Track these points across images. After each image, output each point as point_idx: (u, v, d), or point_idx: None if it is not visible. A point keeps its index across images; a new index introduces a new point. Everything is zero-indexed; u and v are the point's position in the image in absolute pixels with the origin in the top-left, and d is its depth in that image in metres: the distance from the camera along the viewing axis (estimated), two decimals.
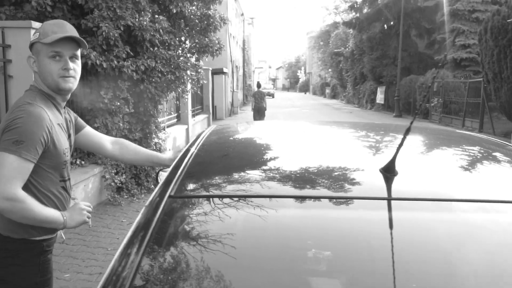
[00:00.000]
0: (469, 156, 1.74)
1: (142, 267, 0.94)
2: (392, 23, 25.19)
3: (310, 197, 1.20)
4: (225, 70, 21.04)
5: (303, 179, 1.31)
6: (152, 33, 5.96)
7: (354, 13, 28.24)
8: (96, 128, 5.57)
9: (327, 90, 52.31)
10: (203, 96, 16.06)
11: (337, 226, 1.12)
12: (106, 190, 6.08)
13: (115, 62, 5.62)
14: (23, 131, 1.59)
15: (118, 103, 5.85)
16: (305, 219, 1.14)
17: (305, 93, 74.13)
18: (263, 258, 1.00)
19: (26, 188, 1.61)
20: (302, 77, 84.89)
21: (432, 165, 1.51)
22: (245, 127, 2.33)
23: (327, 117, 22.67)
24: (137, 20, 5.77)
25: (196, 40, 7.10)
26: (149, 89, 6.23)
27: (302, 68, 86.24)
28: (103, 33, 5.36)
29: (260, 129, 2.22)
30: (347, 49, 33.08)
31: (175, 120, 11.44)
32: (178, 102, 11.25)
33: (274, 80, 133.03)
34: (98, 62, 5.41)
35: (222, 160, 1.56)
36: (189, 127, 11.96)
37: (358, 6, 26.74)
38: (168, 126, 10.82)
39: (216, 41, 7.73)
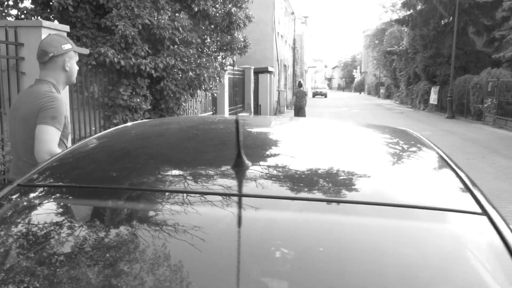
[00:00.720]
0: (359, 150, 1.59)
1: None
2: (447, 20, 24.04)
3: (162, 191, 1.16)
4: (270, 69, 21.04)
5: (163, 173, 1.27)
6: (171, 32, 6.06)
7: (407, 10, 27.21)
8: (116, 124, 5.76)
9: (382, 90, 50.90)
10: (244, 94, 16.14)
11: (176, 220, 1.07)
12: None
13: (133, 60, 5.76)
14: (56, 110, 2.24)
15: (138, 100, 6.00)
16: (151, 214, 1.10)
17: (360, 93, 72.59)
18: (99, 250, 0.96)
19: None
20: (357, 77, 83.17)
21: (305, 160, 1.39)
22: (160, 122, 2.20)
23: (375, 118, 22.07)
24: (155, 18, 5.90)
25: (218, 38, 7.14)
26: (169, 86, 6.35)
27: (358, 67, 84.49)
28: (120, 31, 5.52)
29: (166, 126, 2.01)
30: (400, 47, 31.98)
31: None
32: (210, 98, 11.35)
33: (329, 80, 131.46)
34: (116, 59, 5.59)
35: (99, 154, 1.54)
36: None
37: (411, 2, 25.72)
38: None
39: (241, 39, 7.70)
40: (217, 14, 7.14)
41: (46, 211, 1.12)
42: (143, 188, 1.18)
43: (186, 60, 6.38)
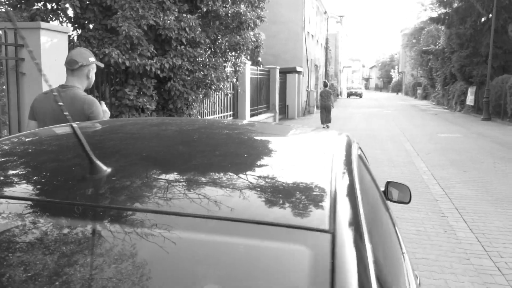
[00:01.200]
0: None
1: None
2: (485, 17, 23.08)
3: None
4: (299, 69, 20.87)
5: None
6: (177, 32, 6.09)
7: (443, 8, 26.34)
8: None
9: (419, 91, 49.55)
10: (269, 94, 16.07)
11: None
12: None
13: (138, 60, 5.82)
14: (98, 111, 2.87)
15: (144, 100, 6.07)
16: None
17: (397, 94, 70.97)
18: None
19: None
20: (395, 77, 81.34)
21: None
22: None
23: (406, 120, 21.48)
24: (161, 19, 5.94)
25: (226, 38, 7.11)
26: (176, 86, 6.38)
27: (396, 67, 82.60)
28: (124, 32, 5.59)
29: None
30: (437, 46, 31.01)
31: (230, 118, 11.59)
32: (230, 98, 11.36)
33: (367, 80, 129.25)
34: (120, 60, 5.66)
35: None
36: None
37: (447, 0, 24.88)
38: None
39: (252, 39, 7.62)
40: (228, 14, 7.11)
41: None
42: None
43: (193, 60, 6.39)
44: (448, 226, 5.33)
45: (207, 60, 6.56)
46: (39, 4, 6.05)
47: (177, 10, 6.28)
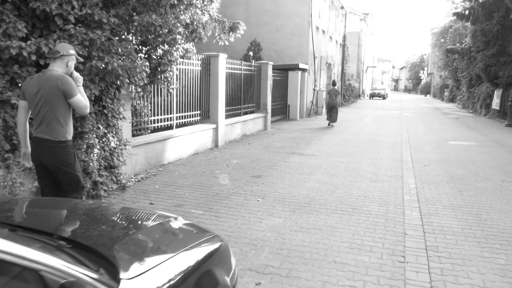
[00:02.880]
0: None
1: None
2: None
3: None
4: (303, 66, 19.22)
5: None
6: (57, 5, 4.66)
7: (468, 2, 24.06)
8: None
9: (446, 93, 46.82)
10: (260, 92, 14.51)
11: None
12: None
13: (2, 42, 4.43)
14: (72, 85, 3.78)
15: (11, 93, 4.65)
16: None
17: (425, 96, 67.96)
18: None
19: None
20: (424, 78, 78.05)
21: None
22: None
23: (423, 124, 19.52)
24: None
25: (136, 17, 5.57)
26: None
27: (425, 68, 79.26)
28: None
29: None
30: (463, 45, 28.67)
31: (198, 118, 10.12)
32: (197, 96, 9.86)
33: (396, 81, 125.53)
34: None
35: None
36: (218, 127, 10.55)
37: None
38: (184, 124, 9.56)
39: (170, 21, 5.91)
40: None
41: None
42: None
43: (89, 45, 4.95)
44: (401, 282, 3.70)
45: (111, 45, 5.10)
46: None
47: None
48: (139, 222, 2.70)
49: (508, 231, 5.02)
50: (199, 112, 10.13)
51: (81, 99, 3.78)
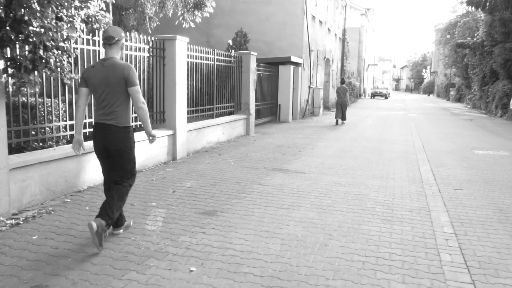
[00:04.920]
0: None
1: None
2: None
3: None
4: (295, 59, 16.61)
5: None
6: None
7: None
8: None
9: (452, 92, 44.22)
10: (241, 89, 11.90)
11: None
12: None
13: None
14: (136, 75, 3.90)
15: None
16: None
17: (429, 95, 65.36)
18: None
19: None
20: (426, 77, 75.41)
21: None
22: None
23: (434, 127, 16.93)
24: None
25: None
26: None
27: (428, 67, 76.66)
28: None
29: None
30: (475, 39, 26.09)
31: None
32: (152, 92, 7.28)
33: (397, 81, 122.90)
34: None
35: None
36: (176, 134, 7.94)
37: None
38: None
39: None
40: None
41: None
42: None
43: None
44: None
45: None
46: None
47: None
48: None
49: None
50: (156, 111, 7.53)
51: (140, 90, 3.91)
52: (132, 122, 4.17)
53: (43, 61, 4.19)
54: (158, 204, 5.24)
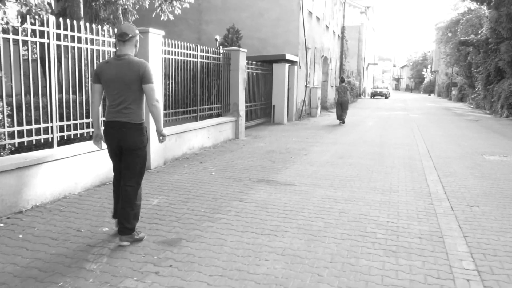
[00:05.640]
0: None
1: None
2: None
3: None
4: (290, 57, 15.65)
5: None
6: None
7: None
8: None
9: (453, 91, 43.24)
10: (229, 89, 10.95)
11: None
12: None
13: None
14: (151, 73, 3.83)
15: None
16: None
17: (429, 95, 64.39)
18: None
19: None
20: (427, 77, 74.41)
21: None
22: None
23: (438, 128, 15.98)
24: None
25: None
26: None
27: (428, 66, 75.68)
28: None
29: None
30: (479, 36, 25.11)
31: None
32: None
33: (397, 80, 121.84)
34: None
35: None
36: (150, 140, 6.98)
37: None
38: (80, 139, 6.05)
39: None
40: None
41: None
42: None
43: None
44: None
45: None
46: None
47: None
48: None
49: None
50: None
51: (155, 88, 3.85)
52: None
53: None
54: (111, 229, 4.28)
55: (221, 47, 10.85)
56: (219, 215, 4.81)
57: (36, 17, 4.42)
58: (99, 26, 6.04)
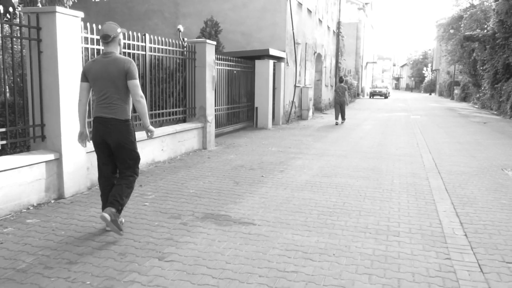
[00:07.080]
0: None
1: None
2: None
3: None
4: (275, 52, 13.81)
5: None
6: None
7: None
8: None
9: (456, 91, 41.38)
10: (194, 90, 9.10)
11: None
12: None
13: None
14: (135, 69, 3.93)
15: None
16: None
17: (430, 94, 62.55)
18: None
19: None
20: (428, 76, 72.51)
21: None
22: None
23: (443, 132, 14.17)
24: None
25: None
26: None
27: (429, 65, 73.79)
28: None
29: None
30: (485, 31, 23.27)
31: (11, 140, 4.73)
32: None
33: (397, 79, 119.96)
34: None
35: None
36: (63, 158, 5.16)
37: None
38: None
39: None
40: None
41: None
42: None
43: None
44: None
45: None
46: None
47: None
48: None
49: None
50: (14, 129, 4.72)
51: (139, 84, 3.96)
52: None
53: None
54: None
55: (185, 39, 9.00)
56: None
57: None
58: None
